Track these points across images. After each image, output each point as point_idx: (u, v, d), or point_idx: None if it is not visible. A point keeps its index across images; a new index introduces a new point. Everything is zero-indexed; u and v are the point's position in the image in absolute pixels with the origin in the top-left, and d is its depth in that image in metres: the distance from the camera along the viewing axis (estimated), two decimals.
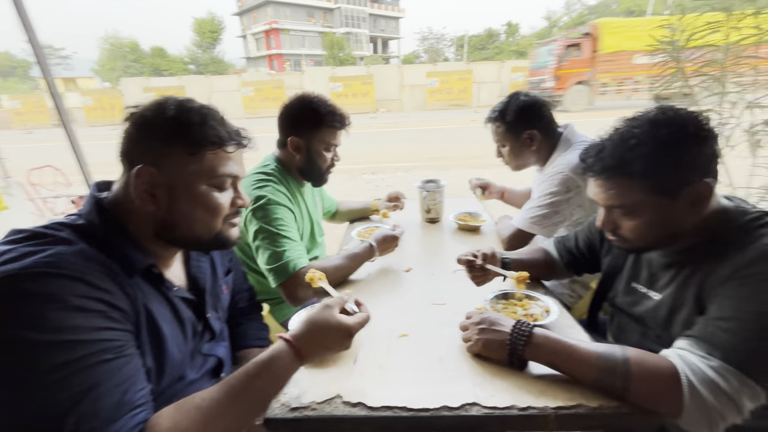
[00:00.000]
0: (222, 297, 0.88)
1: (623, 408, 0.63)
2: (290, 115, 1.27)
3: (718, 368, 0.59)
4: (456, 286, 1.10)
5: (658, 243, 0.77)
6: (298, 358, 0.64)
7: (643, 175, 0.69)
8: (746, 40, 1.90)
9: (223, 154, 0.68)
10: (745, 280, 0.63)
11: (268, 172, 1.25)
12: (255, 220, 1.13)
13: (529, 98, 1.33)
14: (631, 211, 0.73)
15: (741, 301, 0.62)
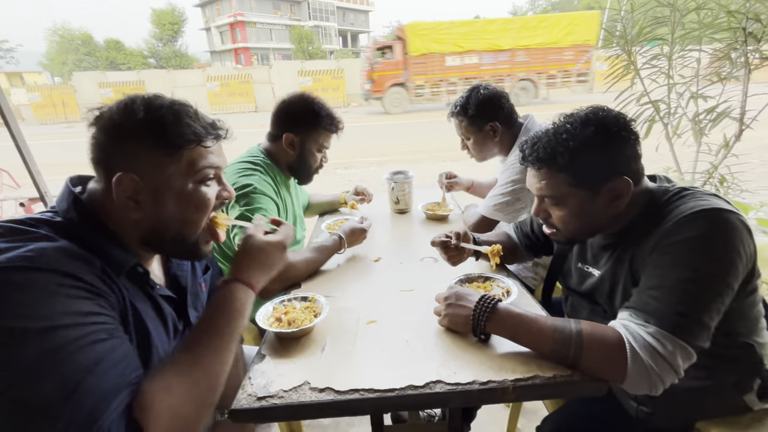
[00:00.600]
0: (201, 295, 0.86)
1: (575, 376, 0.67)
2: (289, 112, 1.27)
3: (655, 333, 0.64)
4: (423, 274, 1.12)
5: (583, 233, 0.83)
6: (250, 288, 0.71)
7: (568, 168, 0.74)
8: (690, 34, 2.04)
9: (201, 149, 0.66)
10: (665, 249, 0.69)
11: (255, 162, 1.24)
12: (237, 207, 1.11)
13: (489, 91, 1.37)
14: (558, 202, 0.79)
15: (665, 269, 0.68)
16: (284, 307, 0.91)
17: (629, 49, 2.21)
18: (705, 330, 0.64)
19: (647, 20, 2.12)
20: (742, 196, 2.05)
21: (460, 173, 1.77)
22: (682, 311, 0.64)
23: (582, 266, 0.94)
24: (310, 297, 0.93)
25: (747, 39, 1.76)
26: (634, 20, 2.14)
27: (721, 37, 1.98)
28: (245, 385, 0.70)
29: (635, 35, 2.15)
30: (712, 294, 0.64)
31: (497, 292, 0.95)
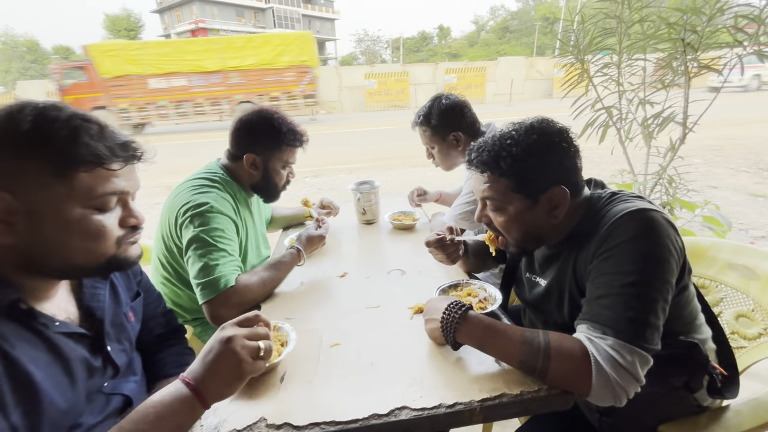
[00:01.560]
0: (128, 326, 0.78)
1: (541, 391, 0.67)
2: (248, 131, 1.20)
3: (614, 345, 0.64)
4: (391, 288, 1.09)
5: (526, 241, 0.83)
6: (202, 405, 0.56)
7: (510, 173, 0.76)
8: (635, 44, 2.16)
9: (104, 171, 0.58)
10: (604, 255, 0.70)
11: (213, 179, 1.16)
12: (192, 227, 1.03)
13: (450, 101, 1.37)
14: (499, 207, 0.80)
15: (606, 277, 0.69)
16: None
17: (582, 58, 2.31)
18: (656, 331, 0.65)
19: (597, 31, 2.23)
20: (689, 195, 2.18)
21: (432, 180, 1.77)
22: (633, 317, 0.64)
23: (530, 276, 0.95)
24: (273, 325, 0.85)
25: (686, 49, 1.88)
26: (585, 31, 2.24)
27: (663, 48, 2.11)
28: (194, 428, 0.64)
29: (587, 45, 2.26)
30: (655, 294, 0.66)
31: (483, 294, 0.95)
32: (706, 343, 0.81)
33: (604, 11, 2.19)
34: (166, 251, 1.15)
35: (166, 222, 1.12)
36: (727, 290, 1.04)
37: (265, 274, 1.08)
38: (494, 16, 51.70)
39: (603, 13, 2.19)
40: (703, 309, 0.83)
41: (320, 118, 15.21)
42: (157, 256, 1.20)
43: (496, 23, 50.63)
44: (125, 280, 0.83)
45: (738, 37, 1.74)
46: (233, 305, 1.00)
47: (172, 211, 1.09)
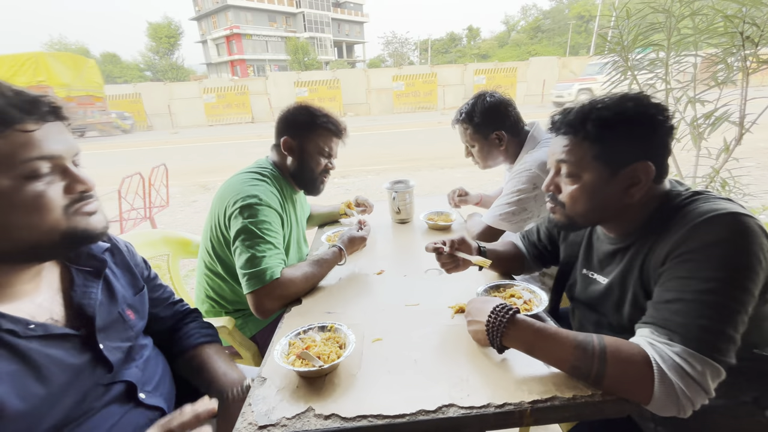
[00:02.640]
0: (127, 323, 0.75)
1: (596, 397, 0.64)
2: (286, 117, 1.25)
3: (681, 353, 0.60)
4: (428, 286, 1.09)
5: (588, 217, 0.78)
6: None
7: (595, 137, 0.71)
8: (685, 39, 2.04)
9: (19, 134, 0.52)
10: (681, 258, 0.65)
11: (263, 173, 1.21)
12: (241, 218, 1.07)
13: (495, 99, 1.34)
14: (574, 173, 0.75)
15: (681, 281, 0.64)
16: (302, 341, 0.81)
17: (626, 56, 2.21)
18: (732, 344, 0.60)
19: (642, 27, 2.13)
20: (744, 200, 2.04)
21: (460, 182, 1.75)
22: (707, 326, 0.60)
23: (587, 273, 0.90)
24: (328, 326, 0.85)
25: (744, 43, 1.76)
26: (630, 27, 2.14)
27: (717, 42, 1.98)
28: (245, 413, 0.66)
29: (631, 42, 2.16)
30: (735, 304, 0.61)
31: (528, 297, 0.92)
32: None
33: (652, 5, 2.08)
34: (213, 242, 1.20)
35: (215, 213, 1.17)
36: None
37: (309, 270, 1.10)
38: (525, 16, 50.49)
39: (650, 7, 2.09)
40: None
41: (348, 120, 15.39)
42: (204, 247, 1.25)
43: (527, 23, 49.42)
44: (127, 276, 0.81)
45: None
46: (276, 297, 1.02)
47: (222, 203, 1.13)
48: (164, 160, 4.08)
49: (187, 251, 1.62)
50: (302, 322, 0.93)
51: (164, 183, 3.88)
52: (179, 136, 13.53)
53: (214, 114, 17.24)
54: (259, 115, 17.39)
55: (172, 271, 1.58)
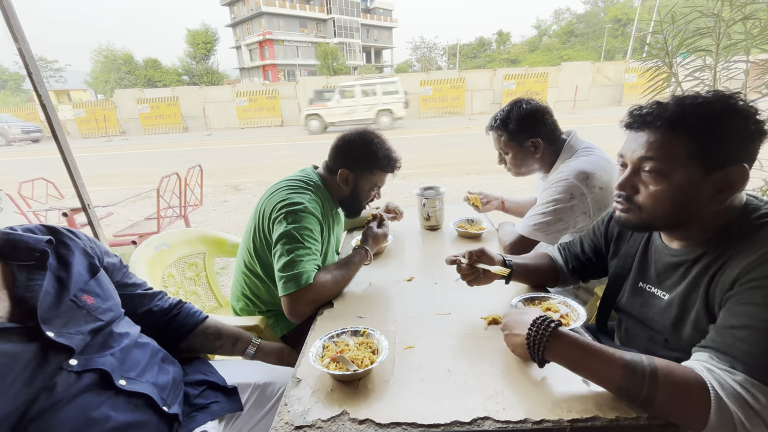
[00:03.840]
0: (89, 306, 0.77)
1: (641, 420, 0.61)
2: (349, 150, 1.27)
3: (743, 382, 0.57)
4: (460, 295, 1.08)
5: (667, 221, 0.73)
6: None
7: (694, 133, 0.65)
8: (735, 45, 1.93)
9: None
10: (755, 283, 0.61)
11: (308, 182, 1.25)
12: (285, 222, 1.11)
13: (532, 106, 1.32)
14: (660, 172, 0.69)
15: (753, 308, 0.60)
16: (335, 345, 0.82)
17: (670, 61, 2.11)
18: None
19: (689, 31, 2.03)
20: None
21: (487, 188, 1.72)
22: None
23: (643, 285, 0.86)
24: (361, 331, 0.86)
25: None
26: (675, 30, 2.05)
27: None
28: (281, 412, 0.68)
29: (676, 46, 2.07)
30: None
31: (564, 311, 0.90)
32: None
33: (699, 9, 1.99)
34: (255, 243, 1.24)
35: (259, 215, 1.21)
36: None
37: (338, 273, 1.13)
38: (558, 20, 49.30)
39: (698, 11, 1.99)
40: None
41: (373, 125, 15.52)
42: (246, 247, 1.29)
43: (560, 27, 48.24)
44: (83, 262, 0.82)
45: None
46: (310, 301, 1.05)
47: (268, 206, 1.18)
48: (198, 161, 4.26)
49: (222, 250, 1.68)
50: (334, 325, 0.94)
51: (199, 183, 4.04)
52: (212, 138, 14.08)
53: (246, 117, 17.82)
54: (289, 119, 17.83)
55: (207, 269, 1.65)
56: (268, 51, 39.45)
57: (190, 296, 1.53)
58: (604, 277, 1.03)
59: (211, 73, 38.11)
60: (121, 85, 32.81)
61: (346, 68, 36.89)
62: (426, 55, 50.42)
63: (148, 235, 3.19)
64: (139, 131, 17.88)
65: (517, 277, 1.06)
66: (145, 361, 0.81)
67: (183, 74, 38.76)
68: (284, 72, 40.05)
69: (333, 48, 37.28)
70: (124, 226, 3.75)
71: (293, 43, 40.72)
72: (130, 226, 3.65)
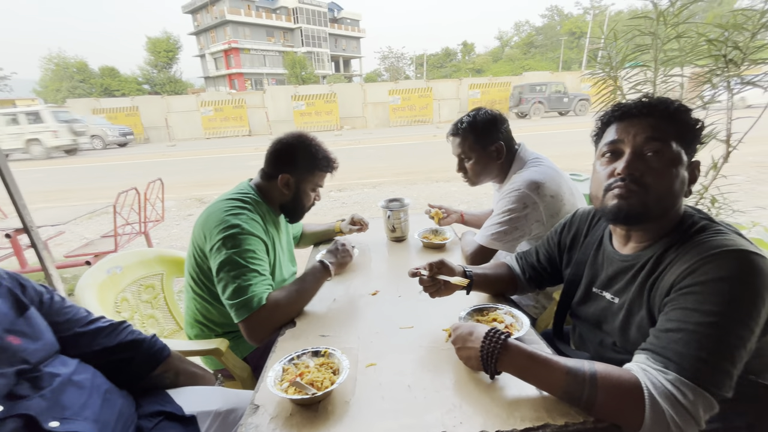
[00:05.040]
0: (14, 347, 0.73)
1: (588, 424, 0.64)
2: (286, 153, 1.25)
3: (675, 381, 0.61)
4: (423, 307, 1.09)
5: (663, 202, 0.75)
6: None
7: (680, 121, 0.73)
8: (671, 60, 2.11)
9: None
10: (688, 289, 0.66)
11: (244, 200, 1.20)
12: (224, 249, 1.06)
13: (493, 113, 1.37)
14: (665, 150, 0.73)
15: (684, 312, 0.65)
16: (295, 367, 0.81)
17: (615, 75, 2.27)
18: (728, 378, 0.61)
19: (630, 48, 2.20)
20: (734, 216, 2.07)
21: (456, 195, 1.77)
22: (704, 358, 0.61)
23: (596, 291, 0.90)
24: (322, 351, 0.85)
25: (728, 65, 1.82)
26: (618, 48, 2.21)
27: (702, 63, 2.05)
28: None
29: (619, 61, 2.22)
30: (735, 340, 0.61)
31: (509, 321, 0.93)
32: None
33: (639, 28, 2.15)
34: (197, 269, 1.19)
35: (197, 241, 1.16)
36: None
37: (293, 290, 1.11)
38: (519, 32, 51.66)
39: (637, 30, 2.16)
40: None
41: (345, 133, 15.53)
42: (189, 273, 1.24)
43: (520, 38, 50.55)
44: (7, 301, 0.78)
45: None
46: (266, 323, 1.03)
47: (204, 232, 1.12)
48: (161, 174, 4.09)
49: (181, 270, 1.61)
50: (296, 345, 0.93)
51: (160, 197, 3.87)
52: (176, 149, 13.56)
53: (212, 127, 17.34)
54: (257, 129, 17.52)
55: (165, 291, 1.58)
56: (234, 60, 38.69)
57: (147, 320, 1.46)
58: (560, 284, 1.08)
59: (174, 81, 36.76)
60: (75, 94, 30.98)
61: (315, 77, 36.78)
62: (394, 65, 51.23)
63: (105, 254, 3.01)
64: None
65: (477, 287, 1.09)
66: (83, 398, 0.76)
67: (143, 83, 37.13)
68: (251, 81, 39.37)
69: (301, 57, 37.12)
70: (78, 245, 3.52)
71: (260, 51, 40.19)
72: (84, 246, 3.42)
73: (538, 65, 38.51)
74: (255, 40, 39.77)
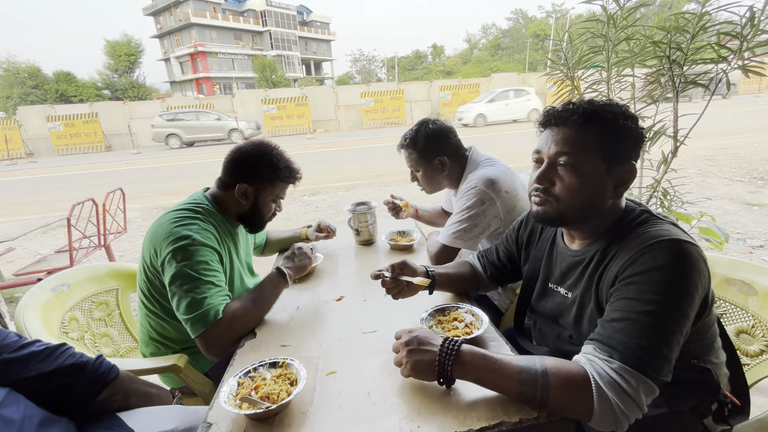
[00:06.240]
0: None
1: (541, 418, 0.65)
2: (245, 163, 1.19)
3: (618, 369, 0.63)
4: (387, 310, 1.08)
5: (579, 210, 0.78)
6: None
7: (602, 133, 0.74)
8: (622, 61, 2.22)
9: None
10: (628, 281, 0.69)
11: (195, 210, 1.14)
12: (174, 262, 1.01)
13: (437, 126, 1.39)
14: (574, 164, 0.75)
15: (626, 302, 0.68)
16: (251, 380, 0.79)
17: (572, 75, 2.36)
18: (666, 363, 0.64)
19: (585, 50, 2.29)
20: (684, 207, 2.19)
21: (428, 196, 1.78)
22: (645, 345, 0.63)
23: (552, 286, 0.93)
24: (280, 362, 0.82)
25: (672, 66, 1.93)
26: (574, 49, 2.30)
27: (650, 64, 2.16)
28: None
29: (576, 62, 2.32)
30: (672, 326, 0.64)
31: (470, 319, 0.94)
32: (720, 368, 0.79)
33: (591, 30, 2.25)
34: (149, 284, 1.13)
35: (147, 255, 1.10)
36: (726, 306, 1.03)
37: (249, 298, 1.07)
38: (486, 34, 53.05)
39: (590, 32, 2.25)
40: (721, 333, 0.82)
41: (318, 137, 15.38)
42: (141, 289, 1.17)
43: (488, 41, 51.91)
44: None
45: (722, 53, 1.79)
46: (224, 336, 0.99)
47: (153, 245, 1.07)
48: (124, 182, 3.90)
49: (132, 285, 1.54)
50: (256, 356, 0.90)
51: (120, 208, 3.69)
52: (141, 157, 12.99)
53: None
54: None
55: (122, 306, 1.49)
56: (201, 64, 37.58)
57: (100, 339, 1.37)
58: (520, 281, 1.10)
59: (136, 87, 35.19)
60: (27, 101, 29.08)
61: (285, 80, 36.28)
62: (366, 68, 51.32)
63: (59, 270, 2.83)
64: (50, 152, 15.98)
65: (440, 287, 1.09)
66: (16, 426, 0.70)
67: (103, 88, 35.38)
68: (220, 85, 38.37)
69: (271, 60, 36.54)
70: (31, 262, 3.29)
71: (228, 55, 39.25)
72: (36, 262, 3.21)
73: (506, 67, 39.64)
74: (222, 44, 38.81)
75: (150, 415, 0.92)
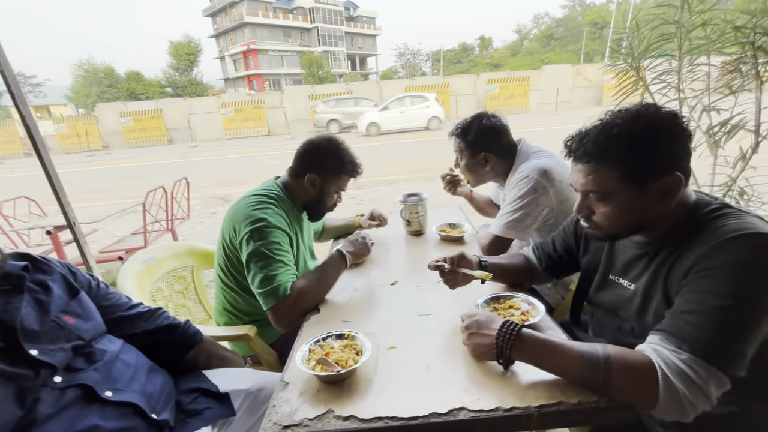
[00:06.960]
0: (70, 326, 0.81)
1: (601, 402, 0.66)
2: (316, 154, 1.32)
3: (687, 360, 0.62)
4: (441, 296, 1.12)
5: (626, 230, 0.80)
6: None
7: (618, 162, 0.73)
8: (697, 49, 2.05)
9: None
10: (703, 273, 0.67)
11: (270, 195, 1.27)
12: (252, 241, 1.13)
13: (491, 123, 1.41)
14: (604, 197, 0.77)
15: (701, 295, 0.66)
16: (321, 348, 0.87)
17: (637, 65, 2.23)
18: (740, 358, 0.62)
19: (654, 37, 2.15)
20: (763, 208, 2.01)
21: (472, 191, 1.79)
22: (717, 339, 0.62)
23: (612, 278, 0.92)
24: (346, 334, 0.90)
25: (756, 53, 1.76)
26: (641, 37, 2.17)
27: (729, 51, 1.98)
28: (270, 414, 0.71)
29: (642, 51, 2.18)
30: (749, 322, 0.62)
31: (526, 307, 0.96)
32: None
33: (662, 16, 2.10)
34: (227, 260, 1.27)
35: (227, 234, 1.24)
36: None
37: (314, 277, 1.17)
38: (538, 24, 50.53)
39: (660, 18, 2.11)
40: None
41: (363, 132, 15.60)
42: (218, 264, 1.32)
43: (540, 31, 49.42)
44: (62, 286, 0.86)
45: None
46: (292, 309, 1.10)
47: (233, 225, 1.20)
48: (184, 173, 4.26)
49: (210, 263, 1.70)
50: (321, 329, 0.98)
51: (185, 196, 4.03)
52: (198, 150, 13.98)
53: (232, 127, 17.73)
54: (275, 128, 17.81)
55: (196, 282, 1.67)
56: (253, 61, 39.41)
57: (179, 309, 1.55)
58: (577, 273, 1.09)
59: (195, 84, 37.78)
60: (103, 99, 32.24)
61: (331, 76, 37.04)
62: (410, 62, 51.02)
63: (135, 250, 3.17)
64: (122, 145, 17.63)
65: (493, 277, 1.11)
66: (130, 372, 0.84)
67: (166, 86, 38.32)
68: (269, 81, 40.01)
69: (318, 56, 37.43)
70: (111, 242, 3.71)
71: (277, 52, 40.77)
72: (116, 242, 3.61)
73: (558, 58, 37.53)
74: (272, 41, 40.37)
75: (229, 375, 1.05)
